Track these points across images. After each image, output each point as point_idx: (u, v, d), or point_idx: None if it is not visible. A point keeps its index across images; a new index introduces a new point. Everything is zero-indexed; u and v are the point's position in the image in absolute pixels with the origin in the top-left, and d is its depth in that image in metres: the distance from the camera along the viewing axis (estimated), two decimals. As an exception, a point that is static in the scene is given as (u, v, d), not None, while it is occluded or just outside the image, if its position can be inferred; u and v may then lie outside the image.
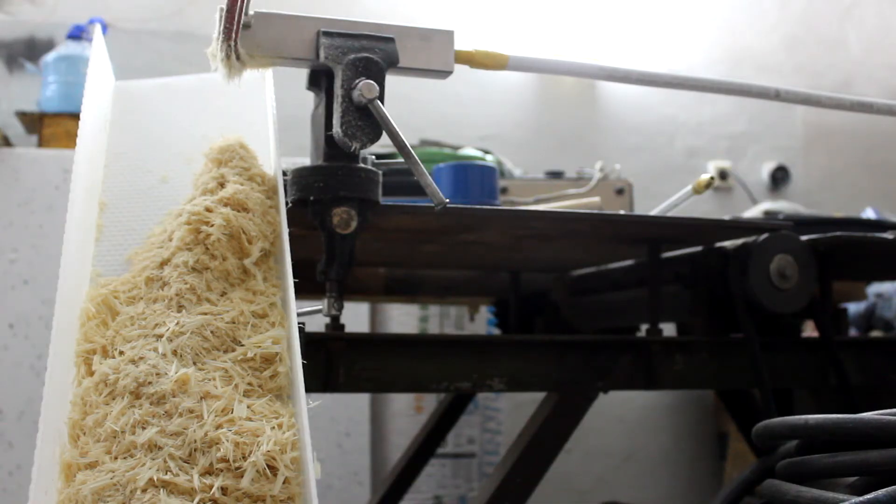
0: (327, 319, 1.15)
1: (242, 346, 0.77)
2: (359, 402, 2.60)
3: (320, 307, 1.07)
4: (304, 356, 0.77)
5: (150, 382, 0.72)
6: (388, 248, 1.41)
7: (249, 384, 0.74)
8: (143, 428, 0.69)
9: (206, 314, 0.78)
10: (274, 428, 0.71)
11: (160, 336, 0.76)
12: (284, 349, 0.77)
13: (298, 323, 0.81)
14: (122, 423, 0.70)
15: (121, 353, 0.76)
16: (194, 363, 0.74)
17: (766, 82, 1.28)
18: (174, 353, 0.75)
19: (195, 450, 0.68)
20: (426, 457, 1.92)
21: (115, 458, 0.69)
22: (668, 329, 1.41)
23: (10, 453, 2.33)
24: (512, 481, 1.21)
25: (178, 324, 0.77)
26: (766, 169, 3.47)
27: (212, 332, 0.77)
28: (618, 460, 3.18)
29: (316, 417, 0.74)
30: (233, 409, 0.71)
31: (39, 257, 2.40)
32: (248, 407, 0.72)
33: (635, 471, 3.19)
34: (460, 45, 1.05)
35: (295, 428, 0.71)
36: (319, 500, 0.68)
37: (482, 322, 2.53)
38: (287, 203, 0.93)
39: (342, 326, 1.16)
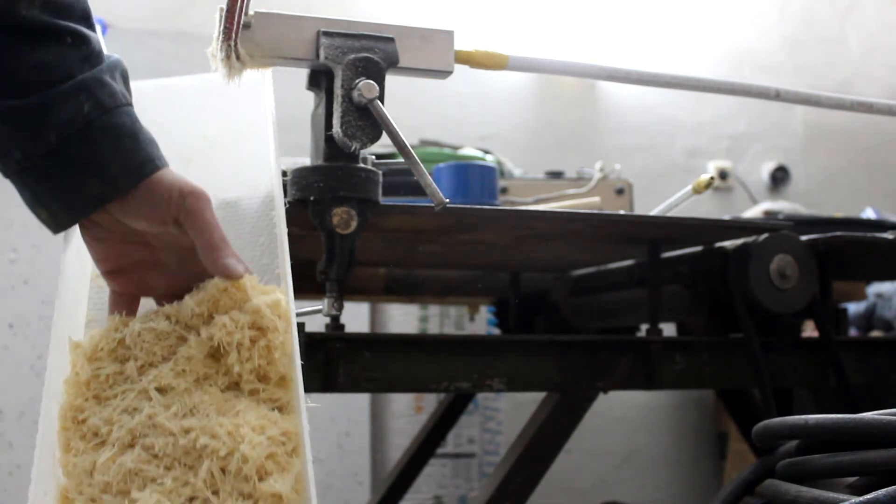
0: (327, 319, 1.15)
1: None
2: (359, 402, 2.61)
3: (320, 307, 1.07)
4: (303, 356, 0.77)
5: (146, 434, 0.69)
6: (388, 248, 1.41)
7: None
8: (140, 476, 0.67)
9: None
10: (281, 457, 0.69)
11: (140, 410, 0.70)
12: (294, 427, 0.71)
13: (298, 323, 0.81)
14: (115, 473, 0.67)
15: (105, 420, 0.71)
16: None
17: (766, 82, 1.28)
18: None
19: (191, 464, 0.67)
20: (426, 457, 1.92)
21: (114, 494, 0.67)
22: (668, 329, 1.41)
23: (10, 453, 2.33)
24: (512, 481, 1.21)
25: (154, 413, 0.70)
26: (766, 169, 3.47)
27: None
28: (618, 460, 3.18)
29: (316, 417, 0.74)
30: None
31: (39, 257, 2.40)
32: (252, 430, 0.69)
33: (635, 471, 3.20)
34: (460, 45, 1.05)
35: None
36: (319, 501, 0.68)
37: (482, 322, 2.53)
38: (287, 203, 0.92)
39: (342, 326, 1.16)
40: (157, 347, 0.72)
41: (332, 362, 1.13)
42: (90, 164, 0.71)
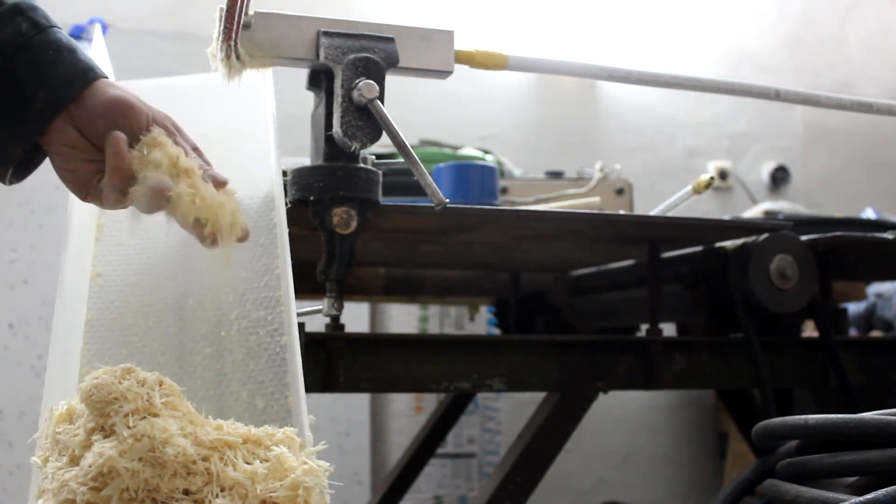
0: (327, 319, 1.15)
1: None
2: (359, 402, 2.61)
3: (320, 307, 1.07)
4: (304, 356, 0.77)
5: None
6: (388, 248, 1.41)
7: None
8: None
9: None
10: None
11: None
12: None
13: (298, 323, 0.81)
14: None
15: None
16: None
17: (766, 82, 1.28)
18: None
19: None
20: (426, 457, 1.92)
21: None
22: (668, 329, 1.41)
23: (10, 453, 2.33)
24: (512, 481, 1.21)
25: None
26: (766, 169, 3.47)
27: None
28: (618, 460, 3.18)
29: (316, 417, 0.73)
30: None
31: (39, 257, 2.40)
32: None
33: (635, 471, 3.19)
34: (460, 45, 1.05)
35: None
36: (319, 500, 0.67)
37: (482, 322, 2.53)
38: (287, 203, 0.92)
39: (342, 326, 1.16)
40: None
41: (332, 362, 1.13)
42: (35, 79, 0.73)
